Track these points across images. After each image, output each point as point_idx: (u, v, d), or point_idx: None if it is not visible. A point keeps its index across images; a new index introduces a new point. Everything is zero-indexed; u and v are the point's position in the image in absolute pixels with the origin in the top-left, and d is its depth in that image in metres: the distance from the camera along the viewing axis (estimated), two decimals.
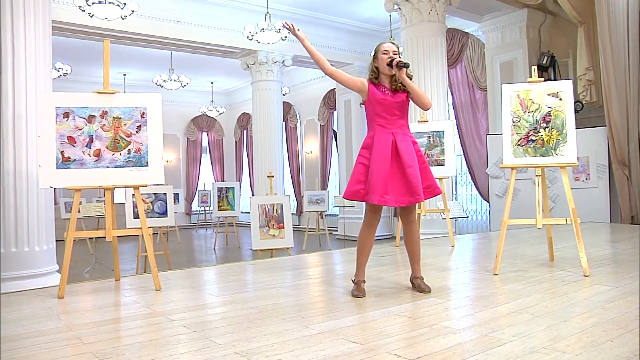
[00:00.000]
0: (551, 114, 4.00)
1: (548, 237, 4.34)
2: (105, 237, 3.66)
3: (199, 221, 16.68)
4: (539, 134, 4.01)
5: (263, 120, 11.13)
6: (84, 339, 2.47)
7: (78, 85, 14.12)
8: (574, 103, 8.50)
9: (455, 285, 3.58)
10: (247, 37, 8.68)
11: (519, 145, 4.05)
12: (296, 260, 5.10)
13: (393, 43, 3.43)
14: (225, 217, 11.73)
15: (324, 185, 13.82)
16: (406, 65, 3.25)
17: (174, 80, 11.70)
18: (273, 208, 8.19)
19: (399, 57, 3.35)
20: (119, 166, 3.65)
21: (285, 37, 8.72)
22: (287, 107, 14.85)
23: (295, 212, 15.12)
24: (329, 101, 13.95)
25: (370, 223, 3.36)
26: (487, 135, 9.19)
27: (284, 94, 12.60)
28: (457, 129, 10.74)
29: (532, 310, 2.79)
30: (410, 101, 3.38)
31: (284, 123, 13.79)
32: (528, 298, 3.07)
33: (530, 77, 4.13)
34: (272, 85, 11.10)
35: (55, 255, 5.02)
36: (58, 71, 10.42)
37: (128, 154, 3.67)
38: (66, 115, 3.56)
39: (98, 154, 3.62)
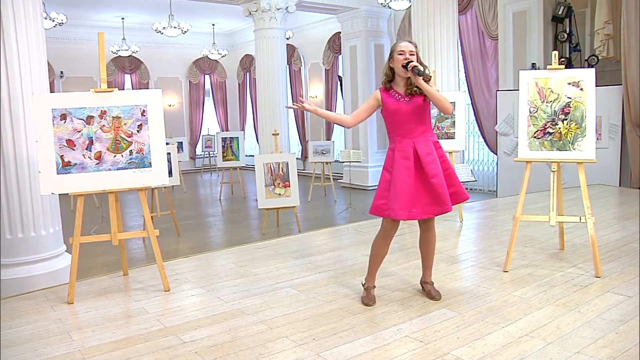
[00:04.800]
0: (571, 105, 3.82)
1: (560, 226, 4.28)
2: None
3: (204, 166, 16.65)
4: (557, 126, 3.85)
5: (267, 68, 10.79)
6: None
7: (75, 30, 13.67)
8: (589, 57, 8.18)
9: (465, 288, 3.55)
10: None
11: (535, 137, 3.90)
12: (304, 241, 5.07)
13: (410, 42, 3.21)
14: (230, 167, 11.70)
15: (329, 134, 13.63)
16: (424, 75, 3.04)
17: (174, 27, 11.26)
18: (279, 167, 8.11)
19: (417, 57, 3.15)
20: (121, 168, 3.54)
21: None
22: (291, 50, 14.41)
23: (300, 157, 15.05)
24: (334, 45, 13.49)
25: (387, 233, 3.28)
26: (497, 92, 8.90)
27: (287, 38, 12.17)
28: (466, 77, 10.44)
29: (544, 332, 2.77)
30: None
31: (287, 66, 13.40)
32: (539, 312, 3.05)
33: (551, 64, 3.91)
34: (276, 33, 10.68)
35: (62, 236, 5.01)
36: (53, 21, 10.00)
37: (130, 155, 3.55)
38: (63, 117, 3.42)
39: (99, 157, 3.50)
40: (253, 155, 16.26)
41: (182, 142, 13.58)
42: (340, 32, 12.61)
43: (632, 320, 2.88)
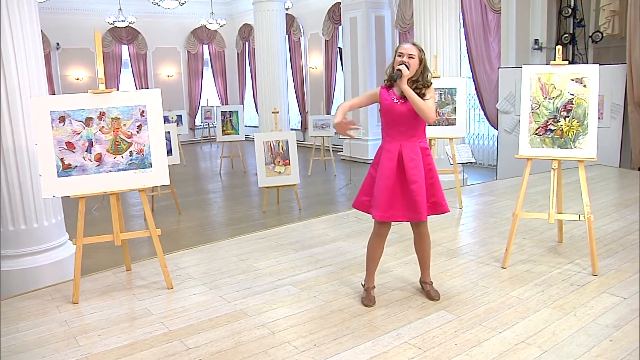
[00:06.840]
0: (573, 102, 3.79)
1: (559, 220, 4.31)
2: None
3: (203, 137, 16.60)
4: (559, 123, 3.83)
5: (266, 43, 10.69)
6: None
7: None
8: (593, 34, 8.05)
9: (463, 287, 3.59)
10: None
11: (536, 134, 3.88)
12: (304, 231, 5.09)
13: (414, 44, 3.17)
14: (230, 141, 11.68)
15: (329, 108, 13.53)
16: (393, 77, 3.07)
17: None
18: (278, 145, 8.11)
19: (419, 61, 3.12)
20: (122, 169, 3.54)
21: None
22: (290, 20, 14.16)
23: (299, 128, 14.99)
24: (334, 15, 13.24)
25: (380, 233, 3.33)
26: (499, 69, 8.80)
27: (287, 8, 11.96)
28: (467, 51, 10.30)
29: (540, 339, 2.83)
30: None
31: (287, 36, 13.19)
32: (536, 316, 3.10)
33: (554, 60, 3.87)
34: (275, 6, 10.52)
35: (64, 225, 5.04)
36: None
37: (130, 156, 3.55)
38: (62, 119, 3.40)
39: (99, 159, 3.49)
40: (253, 126, 16.28)
41: (181, 115, 13.50)
42: (340, 3, 12.36)
43: (626, 326, 2.93)
